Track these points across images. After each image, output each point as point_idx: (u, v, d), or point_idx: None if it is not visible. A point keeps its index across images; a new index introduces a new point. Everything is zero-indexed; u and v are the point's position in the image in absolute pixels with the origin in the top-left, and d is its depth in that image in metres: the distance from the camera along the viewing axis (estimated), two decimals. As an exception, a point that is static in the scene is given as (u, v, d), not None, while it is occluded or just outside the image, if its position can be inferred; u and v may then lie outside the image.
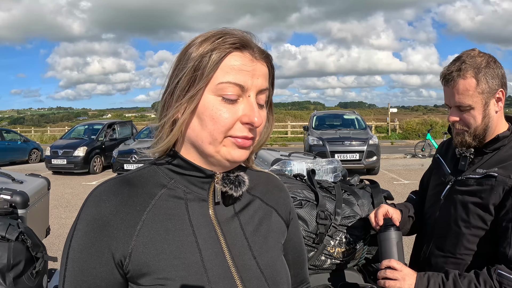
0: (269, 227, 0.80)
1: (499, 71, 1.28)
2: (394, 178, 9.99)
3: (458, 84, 1.27)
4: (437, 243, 1.40)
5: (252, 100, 0.69)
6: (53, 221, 5.47)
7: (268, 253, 0.77)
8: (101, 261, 0.67)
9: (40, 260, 1.56)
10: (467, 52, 1.31)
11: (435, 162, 1.58)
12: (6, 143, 14.44)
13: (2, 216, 1.64)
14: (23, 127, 40.10)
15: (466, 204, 1.30)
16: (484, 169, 1.29)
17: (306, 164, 2.28)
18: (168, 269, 0.67)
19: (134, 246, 0.67)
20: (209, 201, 0.74)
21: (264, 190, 0.85)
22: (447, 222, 1.36)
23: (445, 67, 1.33)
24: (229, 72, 0.67)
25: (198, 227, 0.71)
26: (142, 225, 0.68)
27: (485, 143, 1.32)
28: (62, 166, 11.52)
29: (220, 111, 0.67)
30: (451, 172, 1.42)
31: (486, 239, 1.26)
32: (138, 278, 0.67)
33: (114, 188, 0.70)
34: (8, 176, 2.19)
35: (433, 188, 1.52)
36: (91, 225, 0.67)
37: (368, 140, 10.14)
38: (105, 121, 14.13)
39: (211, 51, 0.67)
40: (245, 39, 0.70)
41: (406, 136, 22.80)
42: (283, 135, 24.46)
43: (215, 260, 0.70)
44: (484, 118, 1.29)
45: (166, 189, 0.73)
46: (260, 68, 0.71)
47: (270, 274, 0.75)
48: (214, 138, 0.68)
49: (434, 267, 1.37)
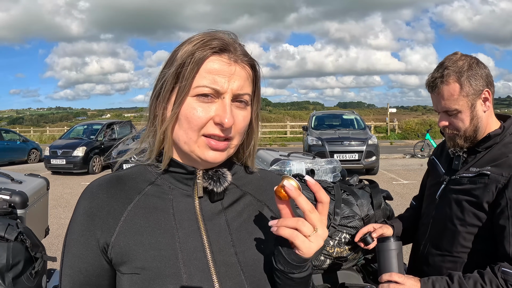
0: (259, 222, 0.80)
1: (483, 71, 1.30)
2: (393, 178, 9.99)
3: (442, 91, 1.31)
4: (434, 242, 1.41)
5: (227, 101, 0.71)
6: (52, 221, 5.46)
7: (253, 250, 0.77)
8: (89, 248, 0.73)
9: (39, 260, 1.56)
10: (449, 57, 1.33)
11: (430, 163, 1.60)
12: (5, 143, 14.43)
13: (1, 216, 1.64)
14: (22, 127, 40.08)
15: (461, 203, 1.32)
16: (477, 168, 1.31)
17: (305, 164, 2.28)
18: (145, 259, 0.71)
19: (116, 236, 0.72)
20: (194, 197, 0.77)
21: (258, 186, 0.85)
22: (443, 221, 1.38)
23: (429, 75, 1.37)
24: (205, 77, 0.70)
25: (180, 221, 0.74)
26: (126, 217, 0.73)
27: (477, 142, 1.34)
28: (61, 166, 11.52)
29: (194, 109, 0.70)
30: (445, 172, 1.44)
31: (482, 236, 1.27)
32: (119, 266, 0.73)
33: (104, 184, 0.77)
34: (7, 176, 2.19)
35: (429, 188, 1.54)
36: (82, 216, 0.74)
37: (367, 140, 10.15)
38: (104, 121, 14.13)
39: (192, 55, 0.70)
40: (225, 42, 0.72)
41: (405, 136, 22.82)
42: (282, 135, 24.48)
43: (194, 254, 0.72)
44: (472, 119, 1.31)
45: (152, 185, 0.77)
46: (239, 71, 0.72)
47: (251, 272, 0.75)
48: (189, 137, 0.71)
49: (432, 266, 1.38)
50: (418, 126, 22.85)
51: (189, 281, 0.70)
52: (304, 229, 0.67)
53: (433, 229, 1.43)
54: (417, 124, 23.49)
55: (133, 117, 31.75)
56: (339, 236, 1.57)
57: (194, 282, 0.70)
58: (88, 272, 0.74)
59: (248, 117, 0.76)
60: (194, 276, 0.71)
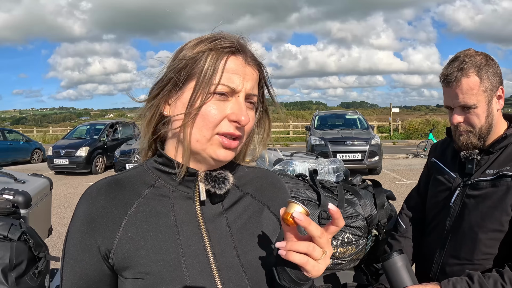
0: (259, 223, 0.80)
1: (497, 69, 1.27)
2: (396, 178, 9.97)
3: (461, 83, 1.24)
4: (451, 251, 1.34)
5: (241, 100, 0.72)
6: (55, 221, 5.48)
7: (254, 251, 0.77)
8: (89, 254, 0.72)
9: (42, 260, 1.56)
10: (464, 52, 1.29)
11: (432, 166, 1.52)
12: (9, 143, 14.49)
13: (5, 216, 1.64)
14: (25, 127, 40.26)
15: (481, 208, 1.25)
16: (494, 170, 1.26)
17: (308, 164, 2.28)
18: (147, 264, 0.70)
19: (118, 241, 0.71)
20: (195, 199, 0.76)
21: (258, 186, 0.85)
22: (461, 228, 1.31)
23: (444, 68, 1.31)
24: (223, 76, 0.71)
25: (181, 224, 0.74)
26: (127, 222, 0.72)
27: (492, 143, 1.29)
28: (64, 166, 11.55)
29: (210, 107, 0.70)
30: (457, 177, 1.37)
31: (504, 241, 1.22)
32: (122, 271, 0.72)
33: (103, 188, 0.75)
34: (11, 176, 2.19)
35: (437, 194, 1.45)
36: (81, 221, 0.73)
37: (370, 140, 10.12)
38: (107, 121, 14.16)
39: (209, 54, 0.71)
40: (240, 44, 0.74)
41: (408, 136, 22.76)
42: (285, 135, 24.46)
43: (196, 257, 0.72)
44: (488, 116, 1.26)
45: (152, 188, 0.76)
46: (251, 73, 0.74)
47: (253, 273, 0.75)
48: (203, 135, 0.71)
49: (449, 276, 1.28)
50: (421, 126, 22.77)
51: (192, 285, 0.70)
52: (315, 254, 0.65)
53: (449, 238, 1.35)
54: (420, 124, 23.40)
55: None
56: (342, 236, 1.56)
57: (197, 285, 0.70)
58: (88, 277, 0.73)
59: (254, 118, 0.78)
60: (197, 280, 0.70)
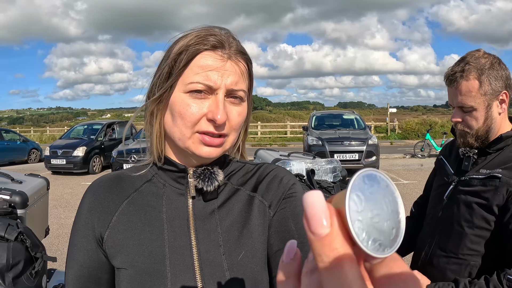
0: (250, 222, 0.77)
1: (503, 73, 1.27)
2: (394, 178, 9.98)
3: (460, 85, 1.27)
4: (439, 243, 1.38)
5: (220, 97, 0.70)
6: (53, 221, 5.47)
7: (240, 249, 0.74)
8: (88, 240, 0.76)
9: (39, 260, 1.56)
10: (472, 53, 1.30)
11: (438, 163, 1.58)
12: (5, 143, 14.43)
13: (1, 216, 1.64)
14: (22, 127, 40.05)
15: (470, 204, 1.29)
16: (487, 170, 1.28)
17: (306, 164, 2.29)
18: (132, 255, 0.73)
19: (109, 230, 0.75)
20: (187, 196, 0.77)
21: (252, 180, 0.82)
22: (450, 222, 1.35)
23: (449, 68, 1.33)
24: (198, 73, 0.70)
25: (171, 219, 0.75)
26: (120, 212, 0.76)
27: (489, 144, 1.31)
28: (62, 166, 11.51)
29: (188, 106, 0.71)
30: (454, 172, 1.41)
31: (489, 239, 1.24)
32: (112, 259, 0.75)
33: (105, 182, 0.80)
34: (7, 176, 2.19)
35: (436, 188, 1.51)
36: (84, 210, 0.78)
37: (368, 140, 10.15)
38: (104, 121, 14.13)
39: (186, 50, 0.71)
40: (219, 39, 0.72)
41: (406, 136, 22.82)
42: (282, 135, 24.47)
43: (180, 253, 0.73)
44: (486, 120, 1.28)
45: (148, 182, 0.79)
46: (232, 67, 0.72)
47: (237, 272, 0.73)
48: (183, 134, 0.72)
49: (436, 267, 1.35)
50: (418, 126, 22.84)
51: (173, 279, 0.71)
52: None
53: (439, 230, 1.40)
54: (417, 124, 23.48)
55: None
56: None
57: (178, 281, 0.71)
58: (87, 264, 0.76)
59: (244, 113, 0.76)
60: (178, 275, 0.71)
